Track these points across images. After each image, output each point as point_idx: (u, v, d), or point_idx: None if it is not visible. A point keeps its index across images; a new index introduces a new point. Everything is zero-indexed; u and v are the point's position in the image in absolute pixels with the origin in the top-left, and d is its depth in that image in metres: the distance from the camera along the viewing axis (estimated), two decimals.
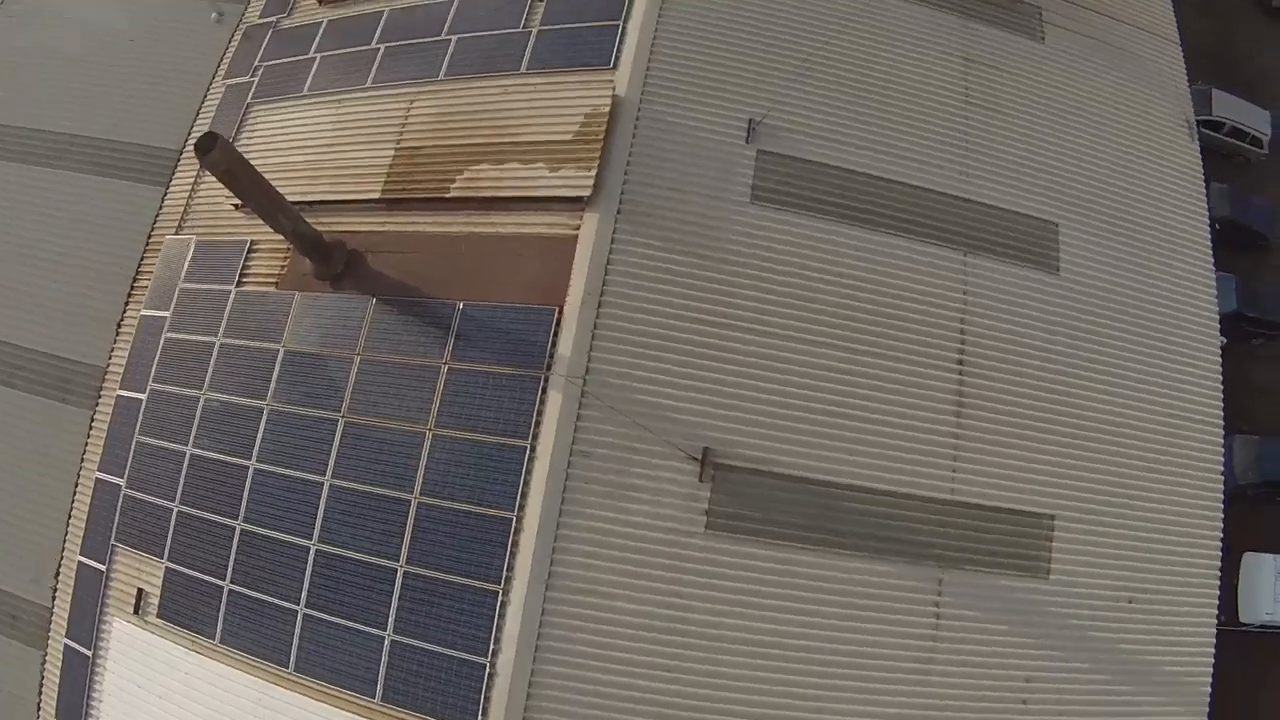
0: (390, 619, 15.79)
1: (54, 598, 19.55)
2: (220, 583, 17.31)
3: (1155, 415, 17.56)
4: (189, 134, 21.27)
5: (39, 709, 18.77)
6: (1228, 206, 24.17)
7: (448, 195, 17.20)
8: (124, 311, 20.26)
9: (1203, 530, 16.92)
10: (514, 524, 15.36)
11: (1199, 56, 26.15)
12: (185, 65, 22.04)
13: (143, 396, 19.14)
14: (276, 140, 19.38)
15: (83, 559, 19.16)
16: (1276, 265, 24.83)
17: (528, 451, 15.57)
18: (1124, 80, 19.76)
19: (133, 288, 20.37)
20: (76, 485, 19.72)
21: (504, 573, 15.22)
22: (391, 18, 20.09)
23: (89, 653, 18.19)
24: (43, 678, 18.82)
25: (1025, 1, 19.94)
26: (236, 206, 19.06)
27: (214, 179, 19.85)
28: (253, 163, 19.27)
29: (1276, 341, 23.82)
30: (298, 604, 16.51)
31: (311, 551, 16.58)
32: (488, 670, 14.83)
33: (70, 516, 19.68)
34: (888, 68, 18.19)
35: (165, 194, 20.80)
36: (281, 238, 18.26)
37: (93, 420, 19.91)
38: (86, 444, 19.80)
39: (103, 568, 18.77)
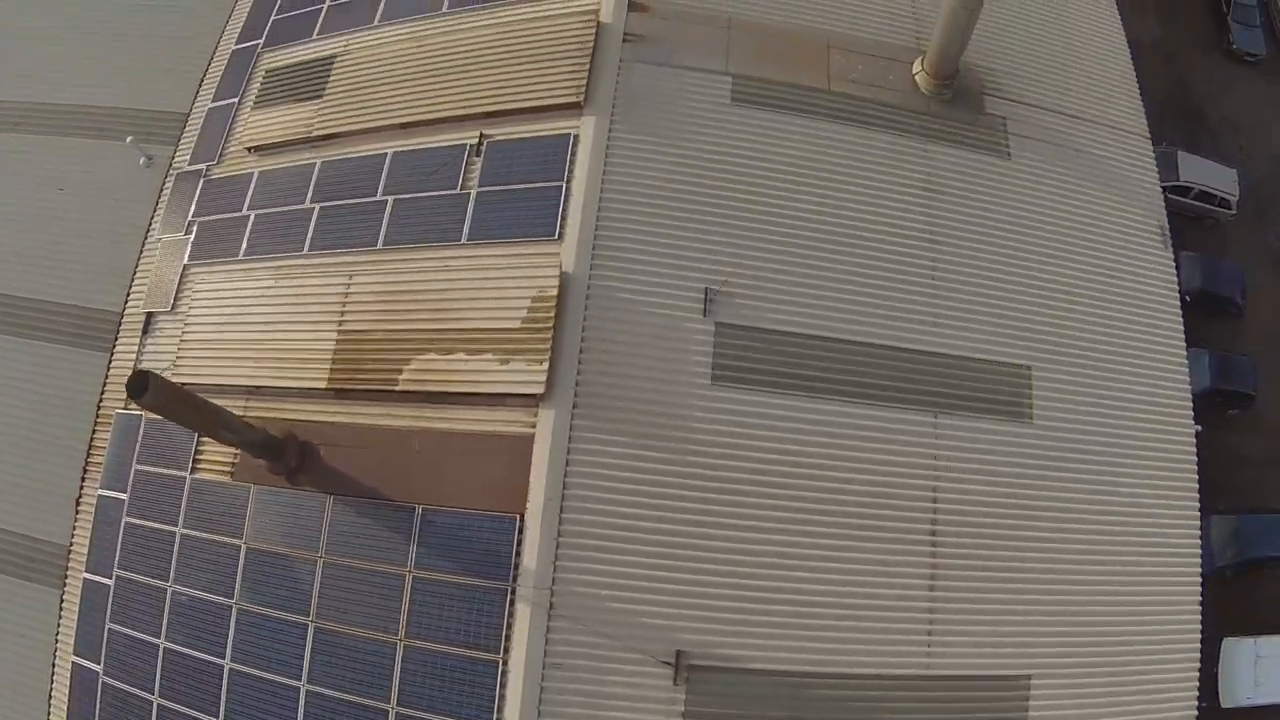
0: None
1: None
2: None
3: (1129, 555, 16.71)
4: (128, 293, 19.76)
5: None
6: (1198, 277, 23.14)
7: (396, 388, 16.09)
8: (81, 488, 19.09)
9: (1178, 675, 16.55)
10: None
11: (1161, 107, 24.75)
12: (118, 216, 20.29)
13: (109, 582, 18.16)
14: (216, 315, 17.86)
15: None
16: (1250, 330, 24.03)
17: (500, 665, 14.78)
18: (1094, 190, 18.32)
19: (87, 464, 19.13)
20: (54, 668, 18.97)
21: None
22: (324, 172, 18.36)
23: None
24: None
25: (989, 113, 18.51)
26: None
27: (158, 352, 19.09)
28: (194, 337, 18.25)
29: (1252, 409, 23.30)
30: None
31: None
32: None
33: (51, 698, 19.09)
34: (848, 215, 16.69)
35: (110, 360, 19.55)
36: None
37: (62, 602, 19.16)
38: (59, 626, 19.02)
39: None
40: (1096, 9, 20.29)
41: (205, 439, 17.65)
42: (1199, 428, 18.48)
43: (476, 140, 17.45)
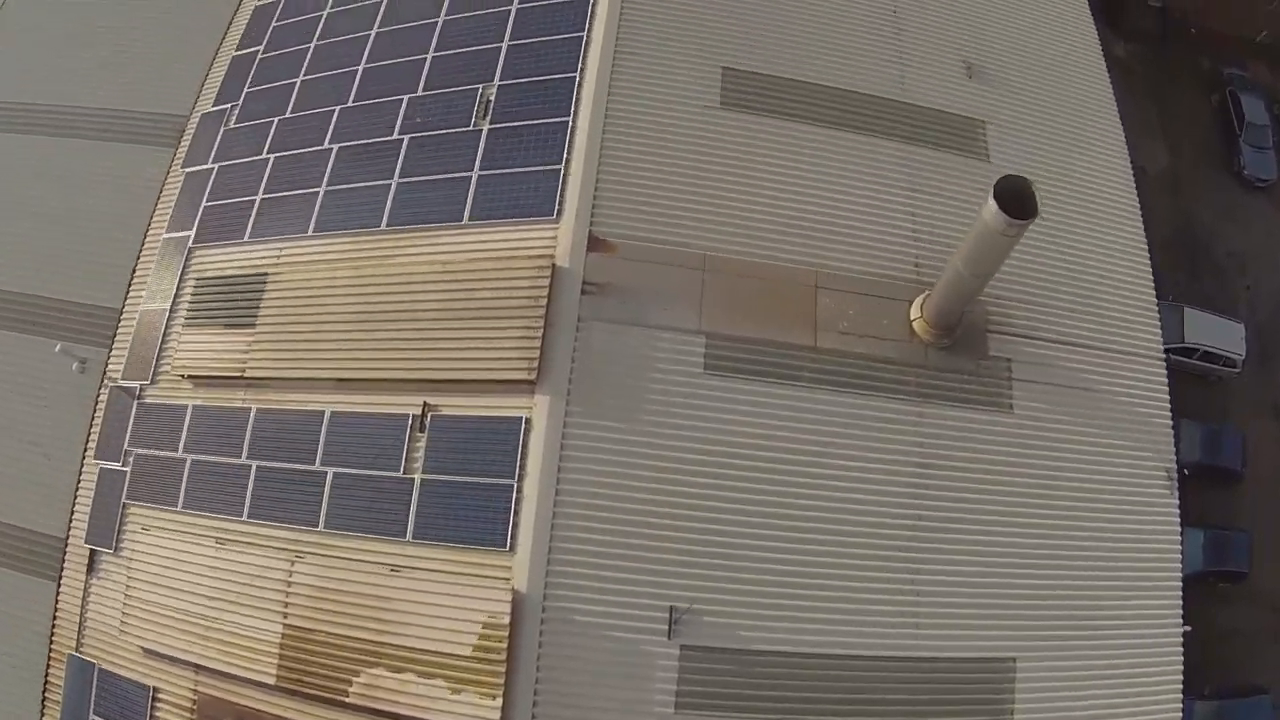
0: None
1: None
2: None
3: None
4: (70, 519, 17.88)
5: None
6: (1198, 449, 20.85)
7: (346, 699, 14.50)
8: None
9: None
10: None
11: (1166, 242, 21.76)
12: (55, 429, 17.94)
13: None
14: (161, 577, 15.97)
15: None
16: (1250, 489, 21.79)
17: None
18: (1101, 437, 15.79)
19: (45, 699, 17.93)
20: None
21: None
22: (260, 423, 15.93)
23: None
24: None
25: (993, 355, 15.84)
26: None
27: (104, 596, 17.36)
28: (139, 597, 16.40)
29: (1244, 583, 21.56)
30: None
31: None
32: None
33: None
34: (831, 510, 14.38)
35: (58, 591, 17.79)
36: (188, 692, 16.02)
37: None
38: None
39: None
40: (1117, 219, 17.16)
41: (161, 701, 16.32)
42: (1188, 628, 16.96)
43: (420, 410, 15.06)
